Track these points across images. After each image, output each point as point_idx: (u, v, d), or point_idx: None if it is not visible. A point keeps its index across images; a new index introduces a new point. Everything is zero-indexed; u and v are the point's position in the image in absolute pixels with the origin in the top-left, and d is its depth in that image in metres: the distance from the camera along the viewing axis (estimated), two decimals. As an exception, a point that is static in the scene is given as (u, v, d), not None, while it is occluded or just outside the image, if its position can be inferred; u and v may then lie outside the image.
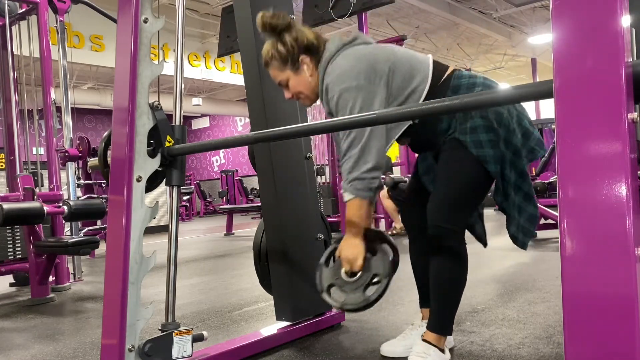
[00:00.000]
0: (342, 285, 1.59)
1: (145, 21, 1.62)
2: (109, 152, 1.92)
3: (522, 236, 1.78)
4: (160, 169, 1.66)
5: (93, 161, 6.33)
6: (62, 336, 2.54)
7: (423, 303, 1.92)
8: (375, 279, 1.55)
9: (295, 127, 1.53)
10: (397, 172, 7.23)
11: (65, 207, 3.52)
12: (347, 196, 1.59)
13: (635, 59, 0.89)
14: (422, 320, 1.90)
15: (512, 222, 1.77)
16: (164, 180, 1.70)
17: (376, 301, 1.53)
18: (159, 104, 1.64)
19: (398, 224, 6.13)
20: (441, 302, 1.71)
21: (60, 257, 3.79)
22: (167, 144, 1.63)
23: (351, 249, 1.59)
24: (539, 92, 0.98)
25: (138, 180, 1.59)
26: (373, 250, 1.60)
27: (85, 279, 4.36)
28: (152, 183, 1.66)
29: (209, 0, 10.41)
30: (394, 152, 8.25)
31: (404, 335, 1.89)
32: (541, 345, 1.88)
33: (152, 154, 1.62)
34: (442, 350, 1.70)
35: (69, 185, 4.80)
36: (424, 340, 1.71)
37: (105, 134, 2.73)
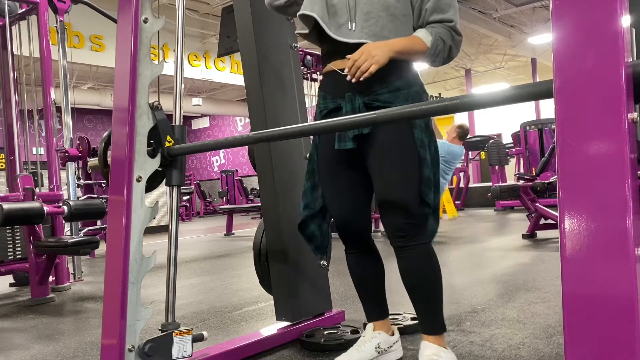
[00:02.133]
0: None
1: (145, 21, 1.62)
2: (109, 152, 1.92)
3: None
4: (160, 169, 1.66)
5: (93, 161, 6.34)
6: (62, 336, 2.54)
7: (376, 315, 1.82)
8: None
9: (295, 127, 1.53)
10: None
11: (65, 207, 3.52)
12: (424, 34, 1.55)
13: (635, 59, 0.89)
14: (374, 330, 1.79)
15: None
16: (164, 180, 1.70)
17: None
18: (159, 104, 1.64)
19: None
20: (431, 302, 1.65)
21: (60, 257, 3.79)
22: (167, 144, 1.63)
23: (381, 50, 1.49)
24: (539, 92, 0.98)
25: (138, 180, 1.59)
26: None
27: (85, 279, 4.36)
28: (152, 183, 1.66)
29: (209, 0, 10.41)
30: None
31: (357, 348, 1.77)
32: (541, 345, 1.88)
33: (152, 154, 1.62)
34: (445, 348, 1.67)
35: (69, 185, 4.80)
36: (427, 342, 1.64)
37: (105, 134, 2.74)
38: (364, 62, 1.48)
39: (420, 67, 14.85)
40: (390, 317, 2.21)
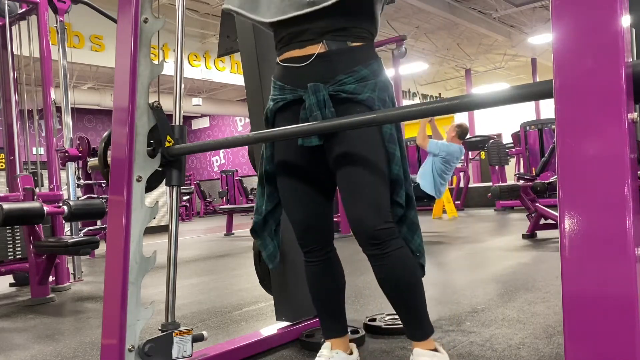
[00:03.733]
0: None
1: (145, 21, 1.62)
2: (109, 152, 1.92)
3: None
4: (160, 169, 1.66)
5: (93, 161, 6.33)
6: (62, 336, 2.54)
7: (334, 332, 1.68)
8: None
9: (296, 127, 1.52)
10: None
11: (65, 207, 3.52)
12: None
13: (635, 59, 0.89)
14: (331, 349, 1.66)
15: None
16: (164, 180, 1.70)
17: None
18: (159, 104, 1.64)
19: None
20: (415, 309, 1.52)
21: (60, 257, 3.79)
22: (167, 144, 1.63)
23: None
24: (539, 92, 0.98)
25: (138, 180, 1.59)
26: None
27: (85, 279, 4.36)
28: (152, 183, 1.66)
29: (209, 0, 10.41)
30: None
31: None
32: (541, 345, 1.88)
33: (152, 154, 1.62)
34: (437, 350, 1.58)
35: (69, 185, 4.80)
36: (419, 350, 1.53)
37: (105, 134, 2.73)
38: None
39: (419, 67, 14.87)
40: (388, 317, 2.22)
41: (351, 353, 1.70)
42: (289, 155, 1.59)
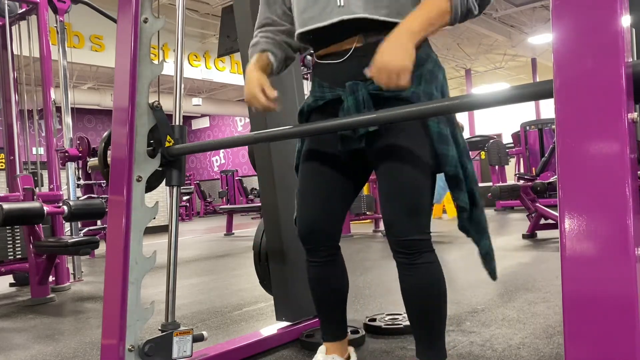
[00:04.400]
0: None
1: (145, 21, 1.62)
2: (109, 152, 1.92)
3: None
4: (160, 169, 1.66)
5: (93, 161, 6.33)
6: (62, 336, 2.54)
7: (333, 336, 1.60)
8: None
9: (295, 127, 1.52)
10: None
11: (65, 207, 3.52)
12: None
13: (635, 59, 0.89)
14: (327, 354, 1.60)
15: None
16: (164, 180, 1.70)
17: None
18: (159, 104, 1.64)
19: None
20: (433, 328, 1.41)
21: (60, 257, 3.79)
22: (167, 144, 1.63)
23: (401, 53, 1.18)
24: (539, 92, 0.98)
25: (138, 180, 1.59)
26: None
27: (85, 279, 4.36)
28: (152, 183, 1.66)
29: (209, 0, 10.41)
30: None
31: None
32: (541, 345, 1.88)
33: (152, 154, 1.62)
34: None
35: (69, 185, 4.80)
36: None
37: (105, 134, 2.74)
38: (391, 83, 1.20)
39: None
40: (388, 317, 2.22)
41: (349, 358, 1.64)
42: (320, 154, 1.49)
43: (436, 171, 1.38)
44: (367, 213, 6.64)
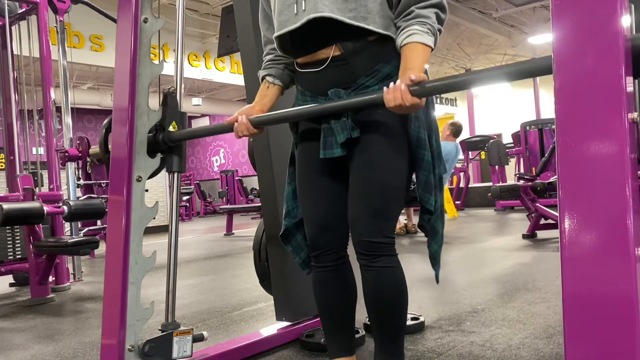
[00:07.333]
0: None
1: (145, 21, 1.62)
2: (109, 139, 1.93)
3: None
4: (162, 155, 1.66)
5: (94, 148, 6.31)
6: (62, 336, 2.54)
7: (342, 350, 1.51)
8: None
9: (291, 110, 1.44)
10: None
11: (65, 207, 3.52)
12: (428, 38, 1.26)
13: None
14: None
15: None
16: (163, 180, 1.69)
17: None
18: (174, 90, 1.66)
19: (409, 222, 6.07)
20: (390, 334, 1.40)
21: (60, 257, 3.79)
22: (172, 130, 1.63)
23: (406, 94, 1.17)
24: (538, 69, 0.98)
25: (138, 180, 1.59)
26: None
27: (85, 279, 4.36)
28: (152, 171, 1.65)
29: (209, 0, 10.41)
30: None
31: None
32: (541, 345, 1.88)
33: (152, 152, 1.62)
34: None
35: (69, 185, 4.79)
36: None
37: (106, 120, 2.73)
38: (404, 107, 1.19)
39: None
40: None
41: None
42: (310, 160, 1.47)
43: (410, 175, 1.40)
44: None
